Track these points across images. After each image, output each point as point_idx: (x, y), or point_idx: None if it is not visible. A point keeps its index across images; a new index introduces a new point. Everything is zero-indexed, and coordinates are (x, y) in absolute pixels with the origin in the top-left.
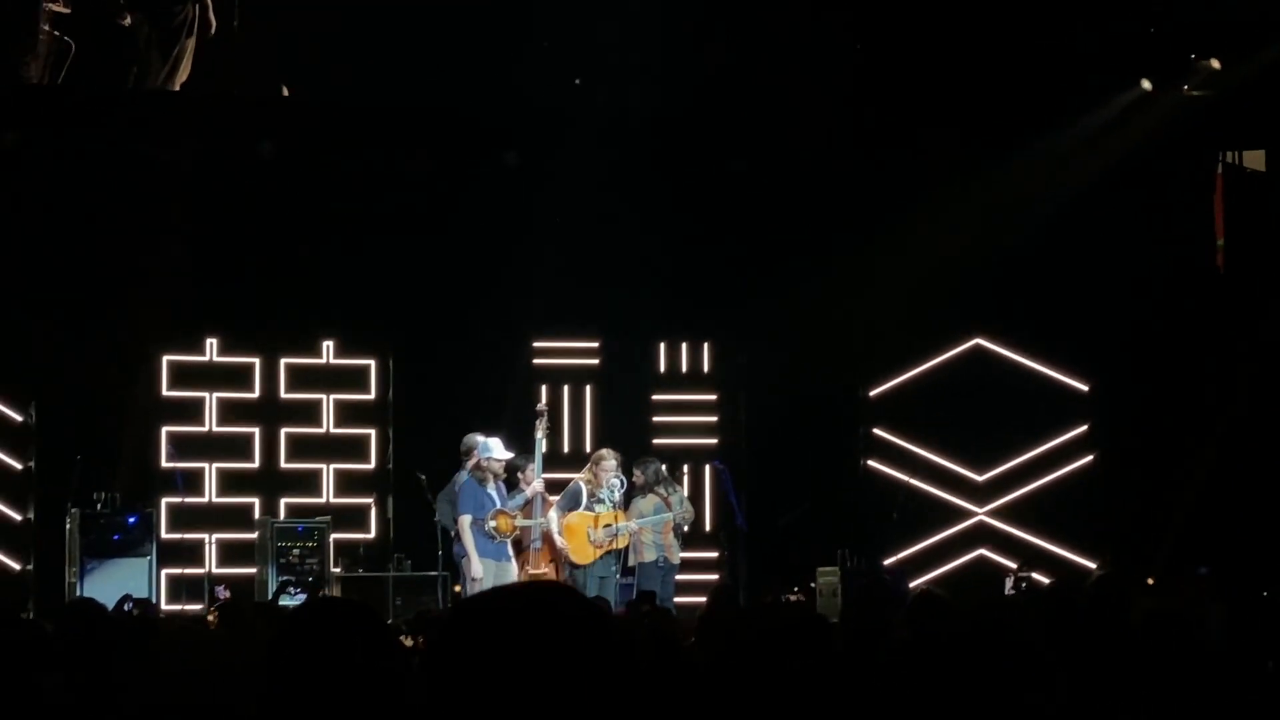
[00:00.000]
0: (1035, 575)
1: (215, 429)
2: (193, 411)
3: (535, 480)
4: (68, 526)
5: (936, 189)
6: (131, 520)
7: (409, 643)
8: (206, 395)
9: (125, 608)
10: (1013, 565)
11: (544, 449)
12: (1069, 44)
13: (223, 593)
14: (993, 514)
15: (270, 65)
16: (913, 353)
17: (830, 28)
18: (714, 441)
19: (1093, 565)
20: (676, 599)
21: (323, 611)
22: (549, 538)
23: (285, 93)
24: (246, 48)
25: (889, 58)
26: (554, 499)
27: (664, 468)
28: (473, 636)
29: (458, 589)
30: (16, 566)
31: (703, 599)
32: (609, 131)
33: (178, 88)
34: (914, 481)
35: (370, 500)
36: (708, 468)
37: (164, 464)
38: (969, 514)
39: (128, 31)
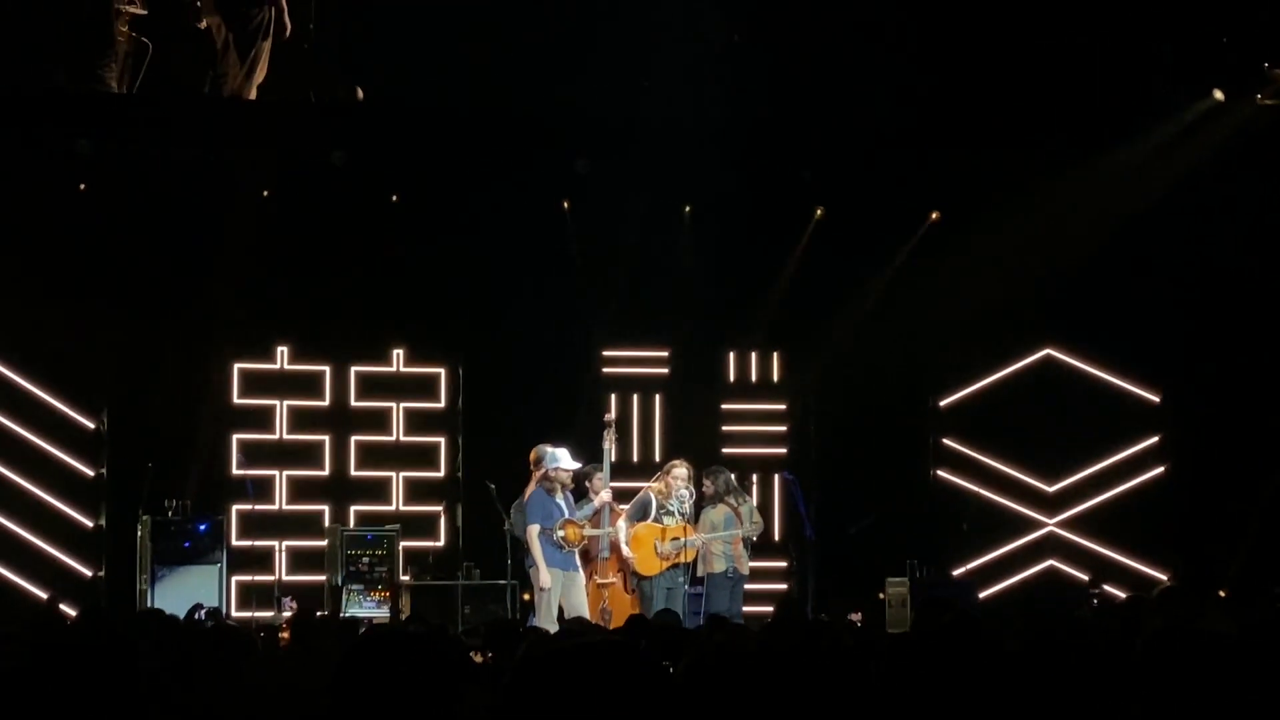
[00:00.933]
0: (1107, 588)
1: (285, 436)
2: (263, 419)
3: (603, 490)
4: (139, 533)
5: (1007, 199)
6: (202, 527)
7: (478, 659)
8: (277, 403)
9: (197, 617)
10: (1083, 577)
11: (612, 459)
12: (1141, 54)
13: (290, 604)
14: (1063, 525)
15: (345, 67)
16: (983, 363)
17: (899, 35)
18: (783, 451)
19: (1163, 577)
20: (744, 609)
21: (392, 640)
22: (617, 547)
23: (359, 94)
24: (322, 50)
25: (958, 66)
26: (623, 509)
27: (734, 478)
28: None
29: (527, 598)
30: (88, 573)
31: (770, 609)
32: (679, 139)
33: (254, 90)
34: (983, 492)
35: (439, 508)
36: (777, 478)
37: (234, 471)
38: (1039, 525)
39: (205, 34)
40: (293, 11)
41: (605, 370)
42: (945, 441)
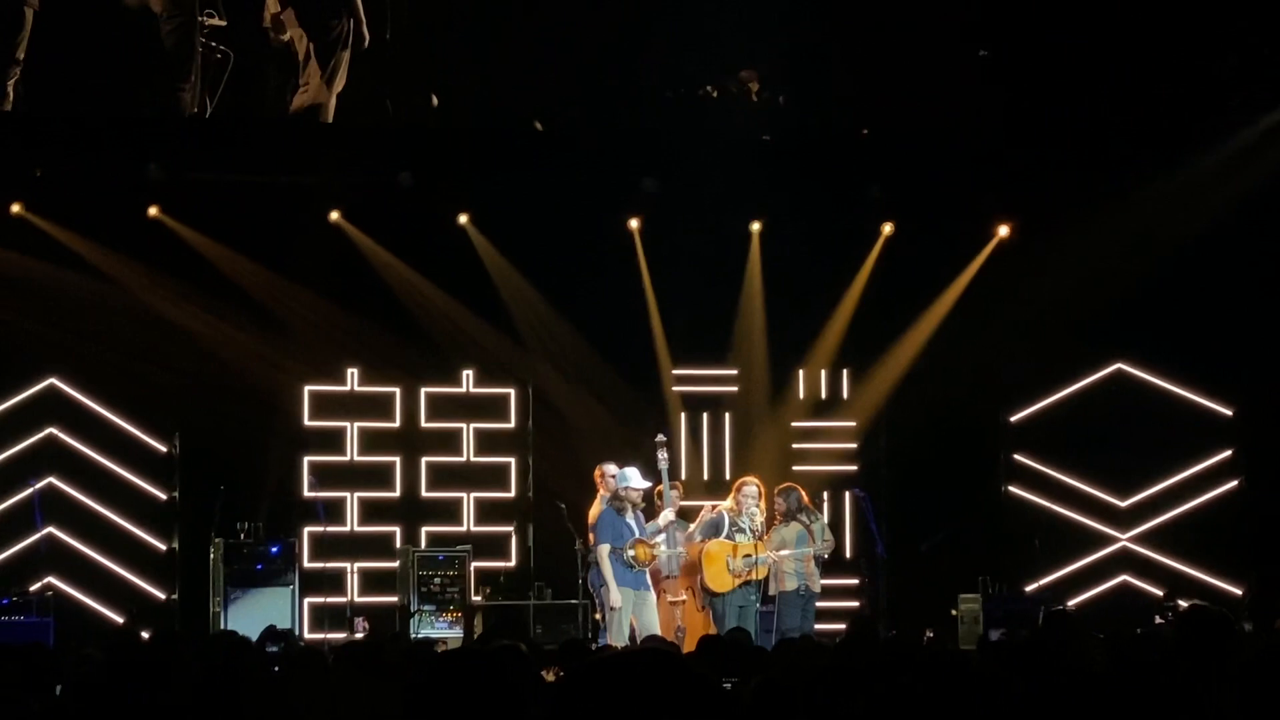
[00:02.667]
0: (1182, 603)
1: (357, 458)
2: (334, 441)
3: (665, 510)
4: (212, 556)
5: (1078, 213)
6: (274, 550)
7: (550, 677)
8: (348, 425)
9: (268, 646)
10: (1157, 592)
11: (668, 479)
12: (1211, 67)
13: (362, 624)
14: (1136, 540)
15: (420, 76)
16: (1054, 378)
17: (970, 50)
18: (854, 469)
19: (1238, 592)
20: (816, 626)
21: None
22: (688, 565)
23: (434, 102)
24: (398, 60)
25: (1029, 80)
26: (692, 527)
27: (804, 495)
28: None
29: (598, 617)
30: (162, 596)
31: (842, 626)
32: (747, 157)
33: (334, 98)
34: (1055, 508)
35: (510, 528)
36: (848, 495)
37: (306, 493)
38: (1112, 540)
39: (287, 47)
40: (370, 23)
41: (675, 389)
42: (1016, 457)
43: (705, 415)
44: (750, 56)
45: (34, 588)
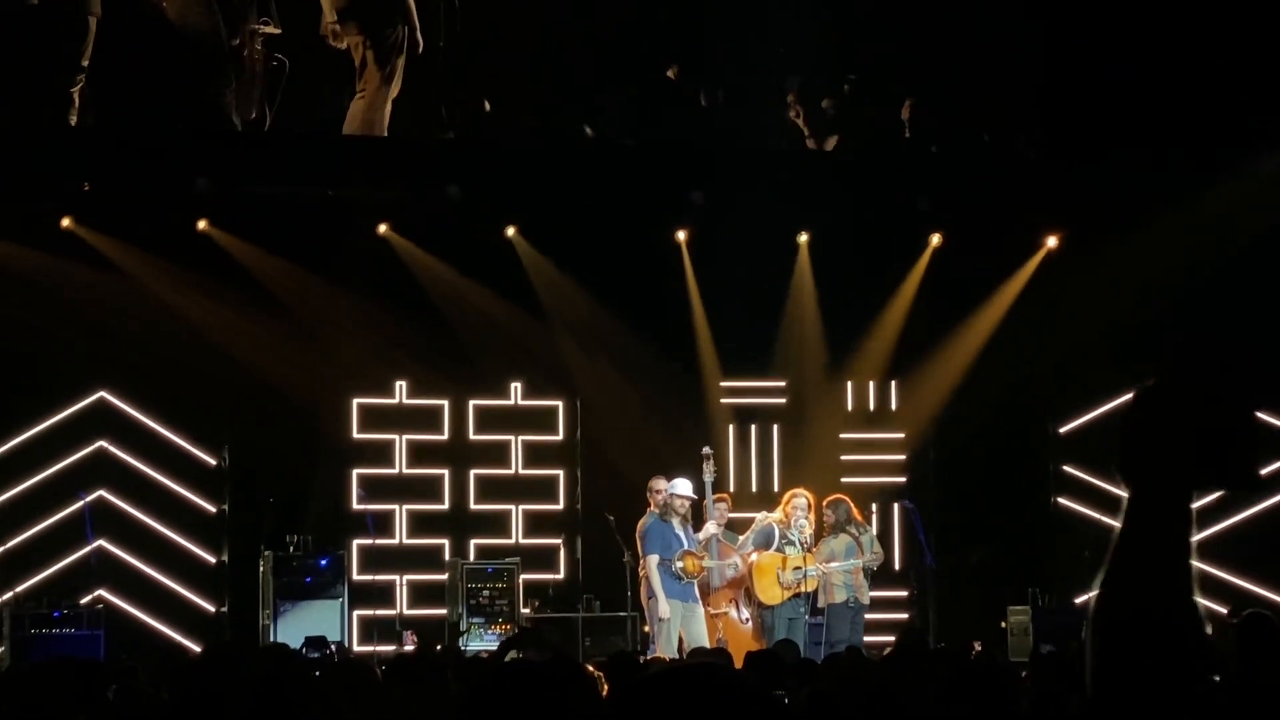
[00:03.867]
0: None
1: (405, 471)
2: (383, 453)
3: (709, 523)
4: (261, 569)
5: (1127, 222)
6: (323, 562)
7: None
8: (396, 437)
9: (309, 652)
10: (1208, 604)
11: (712, 492)
12: (1270, 69)
13: (410, 638)
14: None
15: (474, 82)
16: (1102, 388)
17: (1018, 61)
18: (902, 480)
19: None
20: (865, 638)
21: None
22: (735, 579)
23: (487, 107)
24: (451, 66)
25: (1079, 88)
26: (743, 537)
27: (854, 507)
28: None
29: (646, 629)
30: (211, 608)
31: (891, 639)
32: (794, 168)
33: (390, 104)
34: (1104, 519)
35: (559, 541)
36: (896, 507)
37: (355, 506)
38: None
39: (344, 54)
40: (424, 30)
41: (723, 401)
42: (1065, 468)
43: (754, 427)
44: (796, 67)
45: (84, 600)
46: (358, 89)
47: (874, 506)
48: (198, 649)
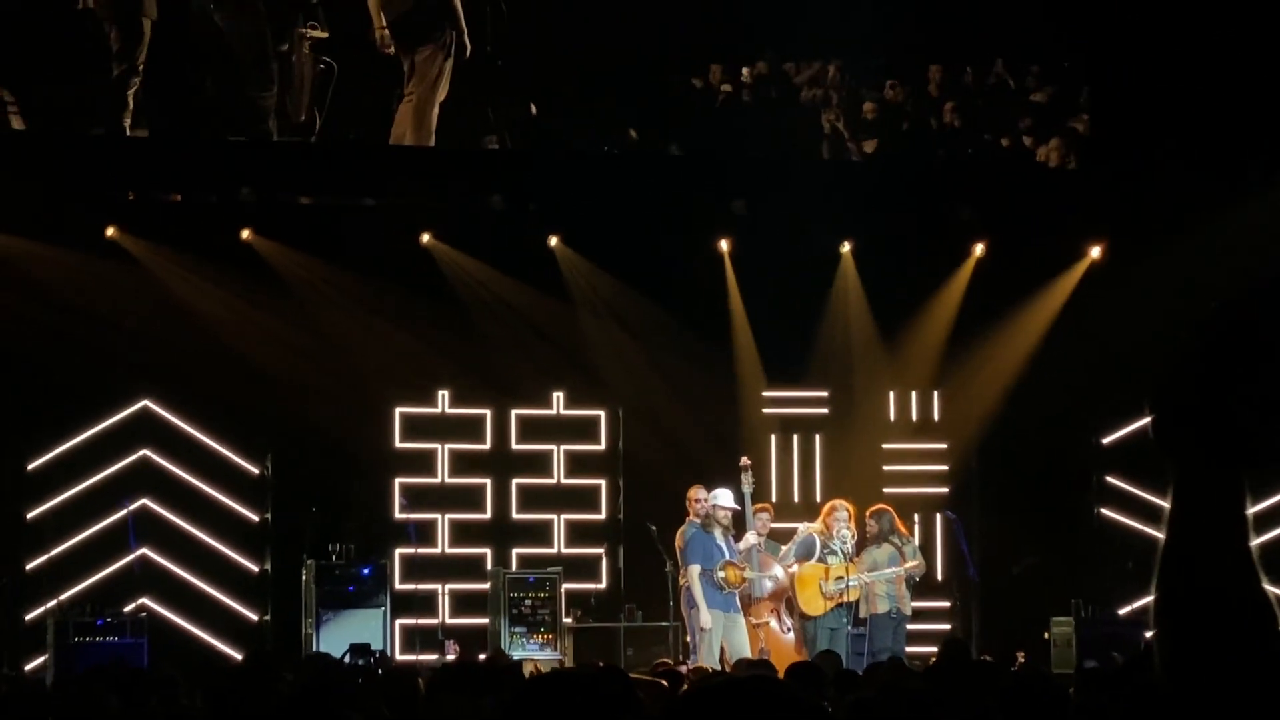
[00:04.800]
0: None
1: (447, 480)
2: (425, 463)
3: (749, 533)
4: (303, 578)
5: (1170, 231)
6: (365, 571)
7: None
8: (438, 446)
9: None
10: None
11: (750, 503)
12: None
13: (452, 646)
14: None
15: (520, 85)
16: (1145, 399)
17: (1058, 69)
18: (945, 491)
19: None
20: (907, 649)
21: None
22: (776, 590)
23: (533, 110)
24: (498, 70)
25: (1122, 95)
26: (785, 548)
27: (897, 518)
28: None
29: (688, 640)
30: (254, 617)
31: (934, 649)
32: (837, 178)
33: (437, 106)
34: (1147, 530)
35: (601, 550)
36: (939, 517)
37: (397, 515)
38: None
39: (393, 57)
40: (472, 34)
41: (765, 411)
42: (1109, 479)
43: (796, 437)
44: (841, 74)
45: (128, 609)
46: (405, 92)
47: (916, 517)
48: (240, 657)
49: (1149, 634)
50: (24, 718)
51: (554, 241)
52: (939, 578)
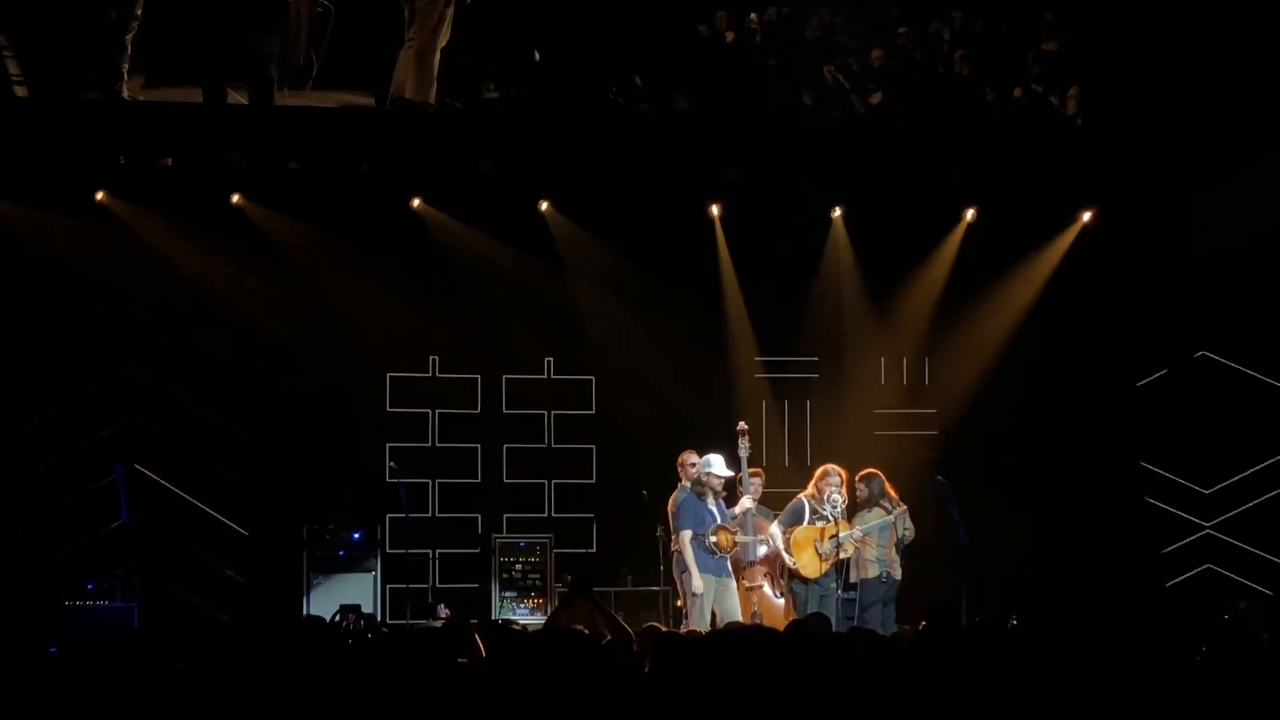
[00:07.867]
0: None
1: (438, 445)
2: (416, 428)
3: (744, 498)
4: (294, 542)
5: (1162, 196)
6: (356, 536)
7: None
8: (429, 412)
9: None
10: (1242, 580)
11: (747, 467)
12: None
13: (443, 610)
14: (1220, 528)
15: (519, 36)
16: (1136, 365)
17: (1048, 29)
18: (935, 455)
19: None
20: (896, 614)
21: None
22: (769, 555)
23: (536, 57)
24: (498, 19)
25: (1114, 60)
26: (778, 515)
27: (887, 482)
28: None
29: (679, 604)
30: (243, 581)
31: (924, 614)
32: (828, 142)
33: (439, 52)
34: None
35: (591, 515)
36: (930, 482)
37: (388, 480)
38: (1195, 528)
39: (394, 4)
40: None
41: (757, 376)
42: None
43: (787, 402)
44: (836, 47)
45: (118, 573)
46: (407, 38)
47: (906, 482)
48: (229, 620)
49: None
50: (17, 682)
51: (544, 207)
52: (929, 542)
